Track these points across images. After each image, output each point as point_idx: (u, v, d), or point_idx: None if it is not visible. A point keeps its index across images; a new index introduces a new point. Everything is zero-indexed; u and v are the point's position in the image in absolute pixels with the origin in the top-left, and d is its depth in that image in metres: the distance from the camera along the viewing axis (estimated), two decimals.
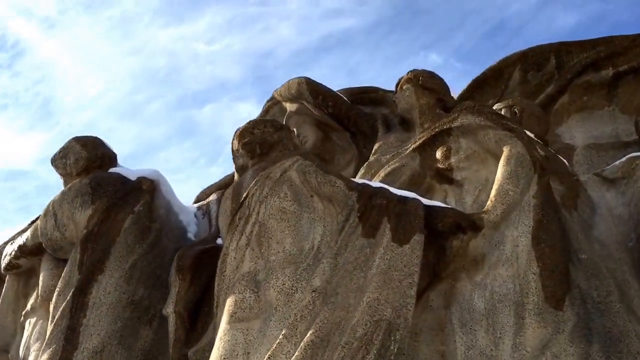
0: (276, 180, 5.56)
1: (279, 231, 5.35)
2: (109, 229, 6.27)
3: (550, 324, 5.04)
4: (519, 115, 7.36)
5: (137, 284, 6.20)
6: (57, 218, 6.37)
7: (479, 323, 5.13)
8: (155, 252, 6.40)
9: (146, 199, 6.58)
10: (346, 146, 7.31)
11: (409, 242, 5.07)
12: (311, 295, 4.94)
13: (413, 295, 4.88)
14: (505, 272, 5.32)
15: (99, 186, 6.47)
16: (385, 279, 4.90)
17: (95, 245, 6.17)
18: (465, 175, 6.08)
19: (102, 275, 6.07)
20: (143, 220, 6.47)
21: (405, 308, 4.81)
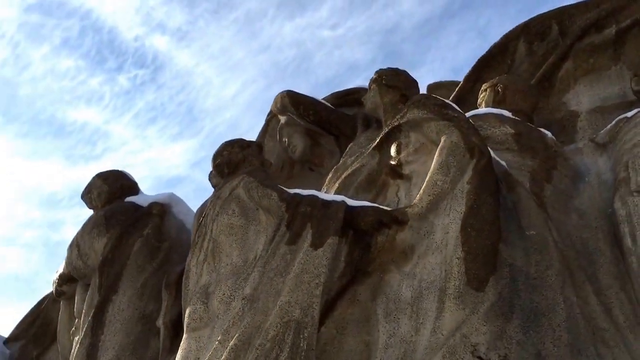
0: (225, 198, 6.22)
1: (227, 245, 6.01)
2: (121, 253, 7.30)
3: (468, 305, 5.25)
4: (502, 93, 7.42)
5: (148, 300, 7.16)
6: (80, 248, 7.52)
7: (404, 311, 5.44)
8: (165, 268, 7.32)
9: (155, 222, 7.53)
10: (334, 150, 7.76)
11: (323, 245, 5.50)
12: (241, 302, 5.56)
13: (319, 294, 5.34)
14: (434, 260, 5.57)
15: (112, 216, 7.52)
16: (297, 282, 5.41)
17: (110, 269, 7.22)
18: (413, 169, 6.31)
19: (116, 295, 7.11)
20: (152, 241, 7.43)
21: (312, 307, 5.29)
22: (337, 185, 6.67)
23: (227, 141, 6.88)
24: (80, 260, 7.52)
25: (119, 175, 8.14)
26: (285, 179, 7.81)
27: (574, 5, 8.24)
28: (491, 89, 7.58)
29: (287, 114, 8.05)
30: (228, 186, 6.28)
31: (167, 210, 7.76)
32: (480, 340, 5.11)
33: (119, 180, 8.06)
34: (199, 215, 6.47)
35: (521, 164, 6.56)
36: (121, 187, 8.00)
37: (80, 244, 7.56)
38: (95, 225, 7.55)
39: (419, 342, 5.28)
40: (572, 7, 8.23)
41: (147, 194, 8.11)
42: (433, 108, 6.31)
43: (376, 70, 7.31)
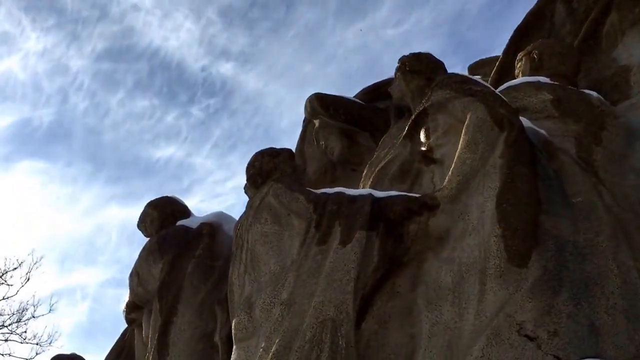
0: (256, 208, 6.20)
1: (264, 254, 5.97)
2: (177, 276, 7.42)
3: (511, 283, 4.99)
4: (538, 59, 7.08)
5: (208, 318, 7.24)
6: (140, 275, 7.71)
7: (445, 298, 5.22)
8: (221, 287, 7.36)
9: (206, 242, 7.62)
10: (372, 146, 7.59)
11: (351, 241, 5.37)
12: (280, 308, 5.50)
13: (351, 291, 5.20)
14: (471, 241, 5.33)
15: (164, 241, 7.67)
16: (329, 281, 5.29)
17: (168, 292, 7.35)
18: (444, 152, 6.08)
19: (176, 317, 7.23)
20: (205, 261, 7.52)
21: (345, 304, 5.17)
22: (371, 180, 6.51)
23: (257, 152, 6.86)
24: (141, 287, 7.70)
25: (168, 201, 8.31)
26: (329, 182, 7.69)
27: None
28: (527, 57, 7.22)
29: (319, 117, 7.96)
30: (258, 195, 6.25)
31: (218, 228, 7.82)
32: (526, 318, 4.83)
33: (169, 205, 8.22)
34: (235, 227, 6.46)
35: (564, 130, 6.19)
36: (172, 212, 8.15)
37: (139, 271, 7.75)
38: (150, 252, 7.72)
39: (463, 327, 5.04)
40: None
41: (197, 216, 8.21)
42: (455, 86, 6.05)
43: (399, 59, 7.11)
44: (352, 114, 7.75)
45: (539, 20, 8.13)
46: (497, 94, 5.96)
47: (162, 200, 8.34)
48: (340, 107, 7.74)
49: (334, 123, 7.89)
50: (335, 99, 7.82)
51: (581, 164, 5.81)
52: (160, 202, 8.31)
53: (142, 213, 8.31)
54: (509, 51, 8.18)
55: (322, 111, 7.77)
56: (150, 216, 8.19)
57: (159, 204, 8.27)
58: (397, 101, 7.09)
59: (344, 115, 7.74)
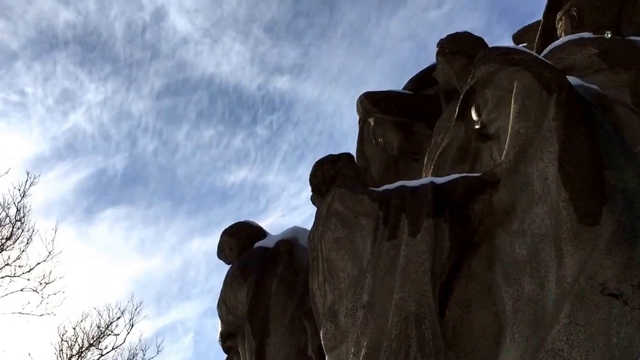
0: (324, 216, 6.32)
1: (340, 260, 6.07)
2: (262, 297, 7.61)
3: (587, 243, 4.92)
4: (578, 15, 6.99)
5: (299, 333, 7.38)
6: (227, 303, 7.92)
7: (523, 271, 5.19)
8: (306, 300, 7.49)
9: (285, 259, 7.79)
10: (429, 133, 7.59)
11: (420, 231, 5.41)
12: (363, 311, 5.59)
13: (428, 281, 5.23)
14: (540, 210, 5.29)
15: (245, 265, 7.88)
16: (405, 275, 5.34)
17: (257, 315, 7.55)
18: (498, 126, 6.04)
19: (269, 338, 7.41)
20: (287, 278, 7.69)
21: (424, 296, 5.20)
22: (432, 167, 6.52)
23: (317, 161, 6.98)
24: (230, 315, 7.90)
25: (242, 225, 8.52)
26: (394, 177, 7.73)
27: None
28: (566, 15, 7.12)
29: (372, 115, 8.03)
30: (324, 204, 6.36)
31: (294, 244, 7.98)
32: (607, 276, 4.76)
33: (243, 230, 8.44)
34: (309, 239, 6.59)
35: (616, 81, 6.07)
36: (247, 236, 8.36)
37: (225, 299, 7.96)
38: (233, 278, 7.93)
39: (546, 297, 5.00)
40: None
41: (273, 235, 8.39)
42: (497, 58, 6.01)
43: (437, 42, 7.11)
44: (403, 106, 7.79)
45: None
46: (540, 59, 5.88)
47: (236, 226, 8.56)
48: (391, 101, 7.81)
49: (388, 118, 7.95)
50: (385, 94, 7.88)
51: (638, 111, 5.67)
52: (234, 228, 8.53)
53: (220, 242, 8.56)
54: (549, 12, 8.06)
55: (374, 108, 7.85)
56: (228, 244, 8.43)
57: (234, 230, 8.50)
58: (444, 85, 7.09)
59: (396, 109, 7.79)
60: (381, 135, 8.03)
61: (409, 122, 7.85)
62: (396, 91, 7.93)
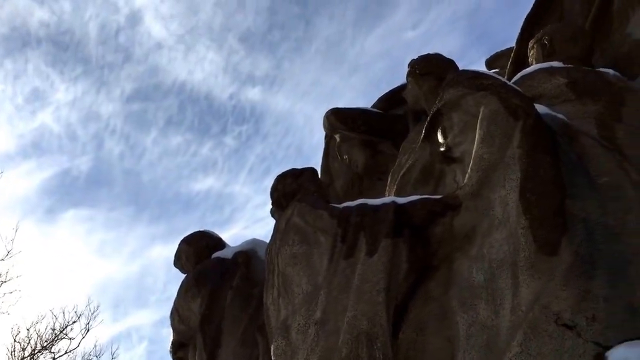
0: (283, 230, 6.21)
1: (295, 275, 5.96)
2: (216, 308, 7.46)
3: (544, 273, 4.86)
4: (550, 44, 6.99)
5: (251, 346, 7.23)
6: (180, 313, 7.76)
7: (479, 296, 5.12)
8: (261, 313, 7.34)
9: (242, 271, 7.65)
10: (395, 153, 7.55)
11: (377, 251, 5.33)
12: (315, 328, 5.47)
13: (382, 301, 5.14)
14: (499, 236, 5.23)
15: (200, 275, 7.74)
16: (359, 294, 5.25)
17: (210, 326, 7.39)
18: (463, 149, 6.02)
19: (220, 350, 7.26)
20: (243, 290, 7.55)
21: (377, 315, 5.10)
22: (395, 187, 6.46)
23: (279, 174, 6.90)
24: (183, 325, 7.75)
25: (201, 235, 8.39)
26: (357, 195, 7.65)
27: None
28: (538, 43, 7.13)
29: (339, 132, 7.97)
30: (283, 217, 6.26)
31: (252, 256, 7.86)
32: (562, 307, 4.70)
33: (202, 239, 8.30)
34: (266, 252, 6.47)
35: (583, 112, 6.08)
36: (206, 245, 8.22)
37: (179, 309, 7.80)
38: (188, 287, 7.78)
39: (500, 324, 4.93)
40: None
41: (232, 246, 8.26)
42: (466, 82, 5.99)
43: (408, 63, 7.09)
44: (371, 124, 7.75)
45: (548, 4, 8.03)
46: (509, 85, 5.87)
47: (195, 235, 8.42)
48: (359, 118, 7.76)
49: (354, 135, 7.90)
50: (352, 111, 7.83)
51: (604, 144, 5.67)
52: (193, 237, 8.39)
53: (177, 250, 8.40)
54: (522, 40, 8.10)
55: (341, 125, 7.79)
56: (185, 252, 8.28)
57: (192, 239, 8.36)
58: (413, 105, 7.07)
59: (363, 126, 7.76)
60: (347, 152, 7.97)
61: (376, 141, 7.81)
62: (364, 109, 7.88)
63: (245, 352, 7.20)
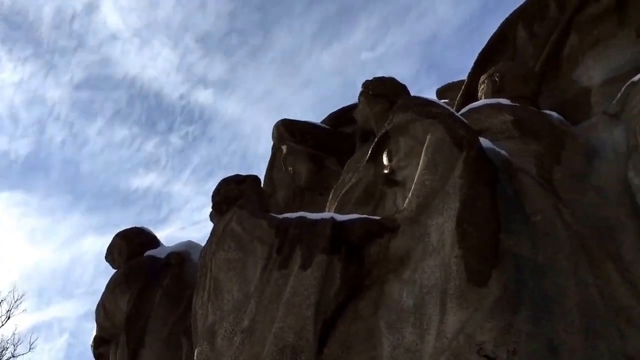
0: (220, 235, 6.15)
1: (227, 281, 5.91)
2: (144, 307, 7.33)
3: (471, 303, 4.95)
4: (500, 81, 7.16)
5: (176, 349, 7.12)
6: (106, 308, 7.60)
7: (407, 320, 5.18)
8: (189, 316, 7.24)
9: (174, 272, 7.55)
10: (339, 170, 7.60)
11: (312, 265, 5.33)
12: (241, 336, 5.43)
13: (311, 315, 5.14)
14: (432, 262, 5.31)
15: (131, 272, 7.60)
16: (289, 306, 5.24)
17: (135, 324, 7.25)
18: (406, 174, 6.10)
19: (143, 349, 7.13)
20: (173, 291, 7.44)
21: (305, 329, 5.10)
22: (336, 204, 6.50)
23: (223, 179, 6.86)
24: (108, 320, 7.59)
25: (137, 231, 8.25)
26: (298, 208, 7.66)
27: None
28: (489, 79, 7.31)
29: (286, 143, 7.99)
30: (222, 222, 6.22)
31: (186, 258, 7.77)
32: (486, 338, 4.79)
33: (137, 236, 8.17)
34: (200, 255, 6.41)
35: (524, 150, 6.24)
36: (140, 243, 8.09)
37: (105, 304, 7.65)
38: (117, 283, 7.64)
39: (424, 349, 4.99)
40: None
41: (166, 246, 8.14)
42: (416, 109, 6.09)
43: (362, 83, 7.17)
44: (318, 139, 7.80)
45: (502, 43, 8.25)
46: (457, 116, 6.00)
47: (131, 231, 8.28)
48: (307, 132, 7.80)
49: (301, 148, 7.94)
50: (302, 124, 7.87)
51: (541, 183, 5.83)
52: (128, 232, 8.25)
53: (110, 245, 8.24)
54: (474, 74, 8.28)
55: (289, 137, 7.82)
56: (118, 247, 8.13)
57: (127, 234, 8.22)
58: (362, 125, 7.14)
59: (311, 141, 7.79)
60: (292, 165, 7.99)
61: (322, 156, 7.86)
62: (314, 123, 7.93)
63: (168, 354, 7.10)
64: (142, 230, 8.34)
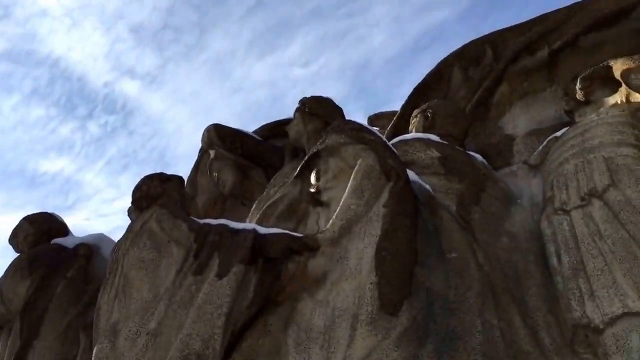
0: (136, 232, 6.00)
1: (138, 280, 5.75)
2: (44, 296, 7.01)
3: (380, 331, 5.01)
4: (432, 118, 7.31)
5: (72, 344, 6.84)
6: (3, 293, 7.22)
7: (315, 341, 5.18)
8: (90, 311, 6.99)
9: (81, 264, 7.27)
10: (265, 182, 7.58)
11: (228, 274, 5.27)
12: (145, 337, 5.28)
13: (221, 325, 5.08)
14: (348, 286, 5.34)
15: (35, 258, 7.26)
16: (199, 313, 5.15)
17: (32, 313, 6.93)
18: (331, 195, 6.13)
19: (37, 340, 6.79)
20: (77, 283, 7.15)
21: (213, 339, 5.03)
22: (258, 216, 6.47)
23: (147, 175, 6.70)
24: (3, 306, 7.23)
25: (46, 217, 7.93)
26: (218, 214, 7.59)
27: (507, 29, 8.20)
28: (421, 114, 7.48)
29: (215, 148, 7.91)
30: (140, 219, 6.07)
31: (95, 251, 7.51)
32: None
33: (46, 222, 7.84)
34: (113, 250, 6.22)
35: (447, 188, 6.40)
36: (48, 229, 7.77)
37: (3, 289, 7.27)
38: (18, 268, 7.29)
39: None
40: (505, 31, 8.20)
41: (75, 236, 7.86)
42: (350, 132, 6.17)
43: (300, 99, 7.20)
44: (248, 149, 7.76)
45: (437, 81, 8.47)
46: (389, 145, 6.11)
47: (40, 216, 7.95)
48: (238, 140, 7.74)
49: (229, 155, 7.86)
50: (234, 131, 7.80)
51: (460, 222, 6.00)
52: (38, 217, 7.91)
53: (16, 227, 7.88)
54: (407, 107, 8.47)
55: (219, 142, 7.73)
56: (24, 231, 7.78)
57: (37, 219, 7.88)
58: (294, 141, 7.15)
59: (241, 149, 7.74)
60: (217, 170, 7.91)
61: (248, 166, 7.81)
62: (246, 132, 7.89)
63: (63, 348, 6.81)
64: (52, 216, 8.02)
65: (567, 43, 7.74)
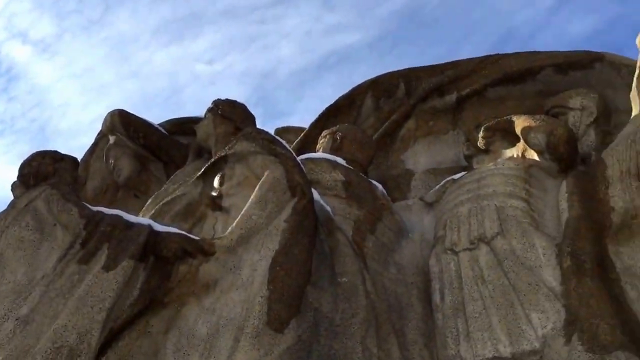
0: (20, 209, 5.63)
1: (14, 260, 5.38)
2: None
3: (263, 346, 4.94)
4: (340, 141, 7.34)
5: None
6: None
7: (196, 348, 5.04)
8: None
9: None
10: (162, 177, 7.37)
11: (116, 268, 5.04)
12: (14, 323, 4.94)
13: (101, 320, 4.84)
14: (237, 297, 5.25)
15: None
16: (79, 305, 4.89)
17: None
18: (233, 202, 6.05)
19: None
20: None
21: (90, 333, 4.78)
22: (153, 212, 6.27)
23: (39, 151, 6.35)
24: None
25: None
26: (107, 203, 7.27)
27: (422, 68, 8.46)
28: (330, 135, 7.55)
29: (116, 134, 7.60)
30: (26, 196, 5.72)
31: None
32: None
33: None
34: None
35: (347, 212, 6.47)
36: None
37: None
38: None
39: None
40: (420, 69, 8.46)
41: None
42: (262, 142, 6.12)
43: (213, 100, 7.08)
44: (151, 140, 7.51)
45: (349, 105, 8.61)
46: (298, 162, 6.12)
47: None
48: (142, 130, 7.47)
49: (130, 144, 7.58)
50: (139, 120, 7.54)
51: (354, 247, 6.07)
52: None
53: None
54: (317, 126, 8.54)
55: (122, 129, 7.44)
56: None
57: None
58: (201, 141, 7.01)
59: (143, 140, 7.48)
60: (114, 158, 7.60)
61: (148, 158, 7.56)
62: (151, 123, 7.63)
63: None
64: None
65: (475, 92, 8.11)
